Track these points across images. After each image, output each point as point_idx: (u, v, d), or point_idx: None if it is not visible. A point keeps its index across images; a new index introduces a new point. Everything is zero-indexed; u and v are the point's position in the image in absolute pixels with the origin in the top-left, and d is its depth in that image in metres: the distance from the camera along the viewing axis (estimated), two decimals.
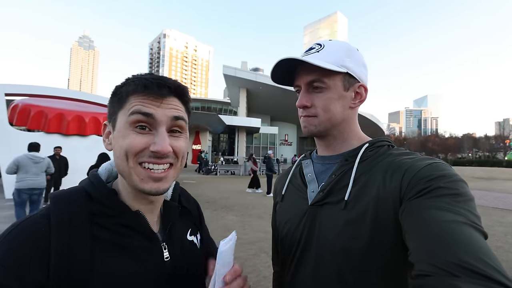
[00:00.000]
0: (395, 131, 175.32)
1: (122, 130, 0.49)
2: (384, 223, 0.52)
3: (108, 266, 0.45)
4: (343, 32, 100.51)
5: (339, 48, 0.64)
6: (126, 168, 0.49)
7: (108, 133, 0.54)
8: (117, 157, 0.50)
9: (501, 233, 4.99)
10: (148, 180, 0.49)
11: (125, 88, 0.50)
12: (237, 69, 26.21)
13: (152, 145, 0.48)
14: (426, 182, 0.48)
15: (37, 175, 4.59)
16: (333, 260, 0.57)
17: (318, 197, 0.63)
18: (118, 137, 0.50)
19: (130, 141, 0.48)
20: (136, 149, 0.48)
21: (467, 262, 0.36)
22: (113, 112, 0.52)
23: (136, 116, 0.48)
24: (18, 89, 8.26)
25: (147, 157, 0.48)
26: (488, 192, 10.97)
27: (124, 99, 0.50)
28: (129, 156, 0.48)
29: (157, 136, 0.49)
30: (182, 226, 0.63)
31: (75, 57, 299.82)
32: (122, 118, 0.50)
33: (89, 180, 0.53)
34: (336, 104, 0.63)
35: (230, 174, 18.07)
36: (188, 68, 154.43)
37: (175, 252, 0.56)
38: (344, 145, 0.67)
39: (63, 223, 0.44)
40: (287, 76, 0.69)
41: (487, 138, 61.15)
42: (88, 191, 0.50)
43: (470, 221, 0.42)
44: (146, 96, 0.49)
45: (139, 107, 0.48)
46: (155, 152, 0.48)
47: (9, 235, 0.42)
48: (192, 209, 0.69)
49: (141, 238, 0.51)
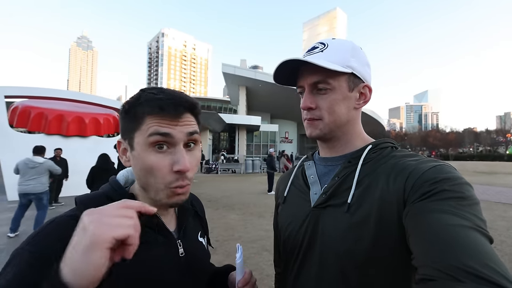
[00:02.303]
0: (395, 127, 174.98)
1: (142, 151, 0.51)
2: (388, 226, 0.51)
3: (131, 261, 0.48)
4: (343, 28, 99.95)
5: (344, 48, 0.63)
6: (152, 186, 0.53)
7: (125, 150, 0.57)
8: (143, 176, 0.53)
9: (504, 228, 4.99)
10: (174, 196, 0.53)
11: (140, 108, 0.52)
12: (236, 67, 26.16)
13: (174, 165, 0.51)
14: (431, 185, 0.47)
15: (31, 180, 4.53)
16: (337, 263, 0.56)
17: (321, 199, 0.62)
18: (138, 157, 0.52)
19: (154, 163, 0.51)
20: (163, 171, 0.51)
21: (472, 267, 0.35)
22: (128, 131, 0.54)
23: (155, 137, 0.50)
24: (17, 91, 8.24)
25: (174, 183, 0.52)
26: (490, 186, 10.95)
27: (140, 120, 0.52)
28: (157, 177, 0.51)
29: (176, 155, 0.52)
30: (193, 227, 0.69)
31: (74, 58, 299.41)
32: (140, 139, 0.52)
33: (110, 186, 0.58)
34: (341, 105, 0.62)
35: (231, 173, 18.08)
36: (187, 67, 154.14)
37: (188, 249, 0.61)
38: (347, 146, 0.66)
39: None
40: (290, 77, 0.68)
41: (488, 132, 61.11)
42: (109, 196, 0.55)
43: (476, 225, 0.41)
44: (162, 117, 0.51)
45: (156, 127, 0.50)
46: (178, 171, 0.51)
47: (44, 231, 0.46)
48: (202, 213, 0.75)
49: (158, 236, 0.56)
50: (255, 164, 18.59)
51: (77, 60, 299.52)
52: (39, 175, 4.61)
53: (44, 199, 4.66)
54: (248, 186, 11.17)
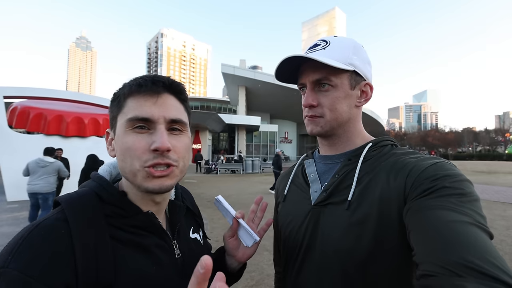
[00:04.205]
0: (395, 127, 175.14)
1: (122, 133, 0.50)
2: (388, 223, 0.51)
3: (129, 265, 0.47)
4: (342, 28, 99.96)
5: (346, 45, 0.62)
6: (130, 170, 0.49)
7: (111, 140, 0.54)
8: (121, 160, 0.50)
9: (503, 227, 4.99)
10: (151, 178, 0.49)
11: (121, 91, 0.52)
12: (235, 67, 26.14)
13: (152, 143, 0.48)
14: (431, 182, 0.47)
15: (40, 180, 4.62)
16: (337, 261, 0.56)
17: (321, 197, 0.62)
18: (119, 141, 0.50)
19: (131, 143, 0.48)
20: (139, 151, 0.48)
21: (472, 262, 0.35)
22: (113, 117, 0.53)
23: (135, 120, 0.49)
24: (16, 92, 8.22)
25: (151, 161, 0.48)
26: (490, 186, 10.96)
27: (122, 102, 0.51)
28: (133, 158, 0.48)
29: (155, 135, 0.49)
30: (186, 224, 0.65)
31: (73, 58, 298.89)
32: (121, 122, 0.51)
33: (96, 183, 0.53)
34: (343, 103, 0.62)
35: (230, 173, 18.08)
36: (186, 67, 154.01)
37: (184, 249, 0.59)
38: (347, 144, 0.66)
39: (83, 225, 0.44)
40: (291, 74, 0.68)
41: (487, 131, 61.16)
42: (98, 194, 0.50)
43: (476, 221, 0.41)
44: (141, 95, 0.50)
45: (136, 112, 0.49)
46: (155, 149, 0.48)
47: (28, 239, 0.40)
48: (194, 207, 0.71)
49: (154, 237, 0.53)
50: (254, 164, 18.56)
51: (76, 60, 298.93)
52: (48, 174, 4.71)
53: (50, 200, 4.70)
54: (248, 186, 11.15)
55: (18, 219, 5.42)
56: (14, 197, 7.31)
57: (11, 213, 5.98)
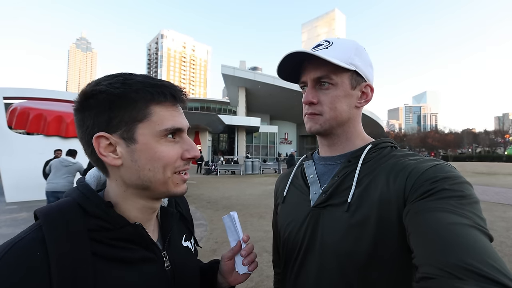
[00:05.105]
0: (394, 128, 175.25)
1: (154, 142, 0.48)
2: (388, 225, 0.51)
3: (112, 281, 0.44)
4: (341, 29, 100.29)
5: (348, 46, 0.63)
6: (161, 179, 0.49)
7: (109, 146, 0.47)
8: (147, 170, 0.48)
9: (503, 228, 4.98)
10: (181, 183, 0.53)
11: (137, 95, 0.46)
12: (235, 68, 26.21)
13: (185, 152, 0.52)
14: (431, 184, 0.47)
15: (62, 179, 4.71)
16: (337, 262, 0.56)
17: (321, 198, 0.62)
18: (145, 150, 0.47)
19: (166, 152, 0.49)
20: (173, 159, 0.50)
21: (472, 264, 0.35)
22: (124, 122, 0.47)
23: (170, 129, 0.49)
24: (16, 92, 8.23)
25: (183, 166, 0.52)
26: (489, 187, 10.95)
27: (144, 109, 0.47)
28: (166, 166, 0.49)
29: (186, 143, 0.52)
30: (178, 232, 0.63)
31: (73, 59, 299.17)
32: (147, 130, 0.47)
33: (80, 192, 0.48)
34: (343, 102, 0.62)
35: (230, 174, 18.06)
36: (186, 68, 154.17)
37: (174, 259, 0.57)
38: (347, 145, 0.66)
39: (61, 244, 0.41)
40: (292, 73, 0.68)
41: (486, 133, 61.23)
42: (81, 205, 0.46)
43: (476, 224, 0.41)
44: (169, 102, 0.50)
45: (171, 120, 0.50)
46: (192, 158, 0.52)
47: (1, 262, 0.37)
48: (187, 213, 0.69)
49: (142, 250, 0.50)
50: (254, 165, 18.55)
51: (76, 61, 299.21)
52: (69, 174, 4.83)
53: None
54: (248, 187, 11.14)
55: (17, 220, 5.41)
56: (13, 198, 7.31)
57: (10, 214, 5.97)
